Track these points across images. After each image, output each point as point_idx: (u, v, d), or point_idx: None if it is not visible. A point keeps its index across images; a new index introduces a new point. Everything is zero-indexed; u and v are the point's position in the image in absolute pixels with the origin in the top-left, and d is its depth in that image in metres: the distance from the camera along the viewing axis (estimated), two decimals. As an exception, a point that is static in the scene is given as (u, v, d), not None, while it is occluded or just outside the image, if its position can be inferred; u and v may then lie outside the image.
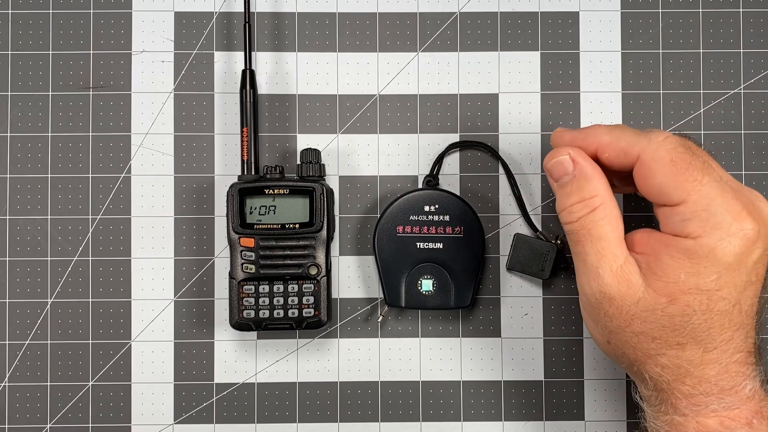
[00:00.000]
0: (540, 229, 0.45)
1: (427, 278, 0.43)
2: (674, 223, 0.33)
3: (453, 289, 0.42)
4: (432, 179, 0.45)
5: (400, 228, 0.43)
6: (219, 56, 0.46)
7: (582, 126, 0.46)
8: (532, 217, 0.45)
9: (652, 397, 0.35)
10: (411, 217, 0.43)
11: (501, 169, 0.45)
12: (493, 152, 0.45)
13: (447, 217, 0.43)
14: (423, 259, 0.43)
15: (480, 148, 0.45)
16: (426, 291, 0.43)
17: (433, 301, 0.43)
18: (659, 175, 0.33)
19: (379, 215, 0.44)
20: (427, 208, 0.43)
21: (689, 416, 0.33)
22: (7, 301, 0.45)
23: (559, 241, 0.44)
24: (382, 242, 0.43)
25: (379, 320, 0.44)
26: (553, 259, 0.43)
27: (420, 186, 0.45)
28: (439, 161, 0.45)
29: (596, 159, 0.36)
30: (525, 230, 0.45)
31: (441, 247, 0.43)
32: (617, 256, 0.34)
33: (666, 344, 0.33)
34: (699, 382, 0.33)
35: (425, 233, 0.43)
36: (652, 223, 0.43)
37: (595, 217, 0.34)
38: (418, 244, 0.43)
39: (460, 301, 0.43)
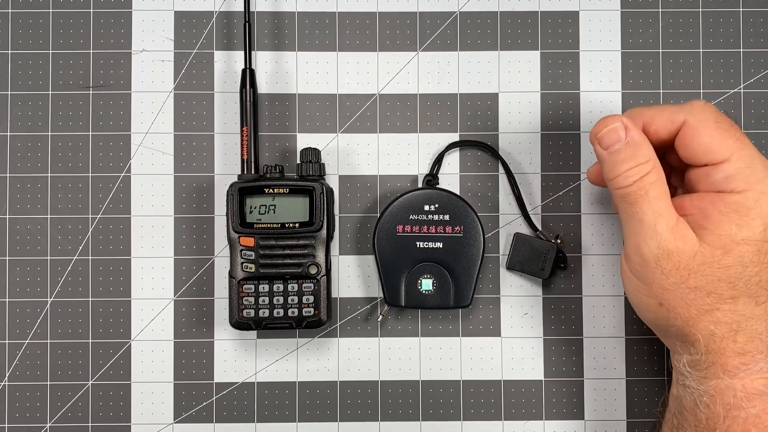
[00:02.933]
0: (540, 228, 0.45)
1: (426, 278, 0.43)
2: (718, 181, 0.35)
3: (453, 289, 0.42)
4: (432, 178, 0.45)
5: (400, 227, 0.43)
6: (219, 55, 0.46)
7: (579, 127, 0.46)
8: (531, 216, 0.45)
9: (700, 362, 0.36)
10: (411, 217, 0.43)
11: (500, 169, 0.45)
12: (493, 152, 0.45)
13: (447, 217, 0.42)
14: (423, 258, 0.43)
15: (480, 147, 0.45)
16: (426, 290, 0.43)
17: (433, 301, 0.43)
18: (706, 135, 0.35)
19: (378, 214, 0.44)
20: (427, 208, 0.43)
21: (737, 377, 0.34)
22: (7, 300, 0.45)
23: (558, 241, 0.44)
24: (381, 242, 0.43)
25: (379, 320, 0.44)
26: (553, 259, 0.43)
27: (420, 185, 0.45)
28: (438, 161, 0.45)
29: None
30: (524, 230, 0.45)
31: (441, 246, 0.43)
32: (672, 213, 0.35)
33: (720, 298, 0.34)
34: (750, 338, 0.34)
35: (425, 232, 0.43)
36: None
37: (650, 179, 0.36)
38: (417, 243, 0.43)
39: (460, 301, 0.43)
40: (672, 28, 0.46)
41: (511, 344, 0.45)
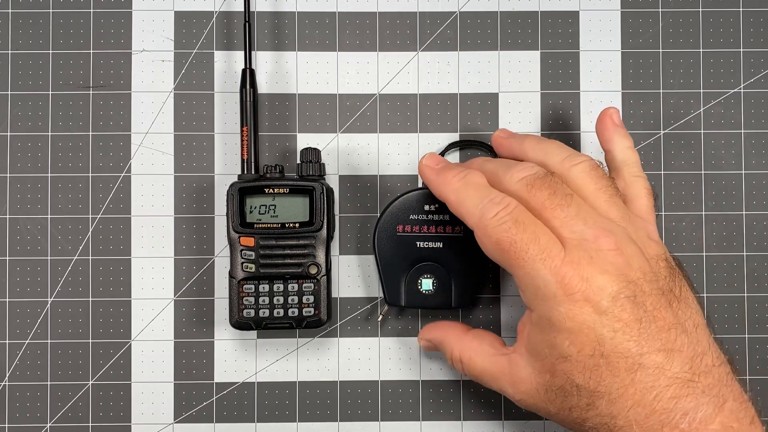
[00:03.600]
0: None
1: (427, 277, 0.43)
2: (520, 294, 0.35)
3: (453, 289, 0.42)
4: None
5: (400, 227, 0.43)
6: (219, 55, 0.46)
7: (579, 127, 0.46)
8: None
9: None
10: (411, 217, 0.43)
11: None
12: (492, 152, 0.45)
13: (447, 217, 0.42)
14: (423, 258, 0.43)
15: (479, 147, 0.45)
16: (426, 290, 0.42)
17: (434, 301, 0.42)
18: (490, 252, 0.35)
19: (378, 214, 0.44)
20: (427, 208, 0.43)
21: None
22: (7, 300, 0.45)
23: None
24: (381, 242, 0.43)
25: (379, 319, 0.44)
26: None
27: (420, 185, 0.45)
28: None
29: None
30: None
31: (441, 246, 0.43)
32: (503, 373, 0.36)
33: (580, 409, 0.33)
34: (628, 431, 0.32)
35: (425, 232, 0.43)
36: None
37: (465, 363, 0.38)
38: (418, 243, 0.43)
39: (461, 301, 0.42)
40: (672, 28, 0.46)
41: (512, 344, 0.45)
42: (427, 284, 0.42)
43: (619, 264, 0.32)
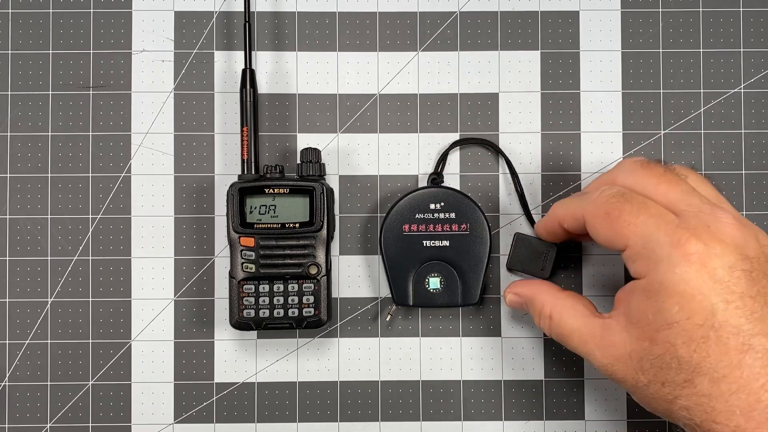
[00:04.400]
0: (540, 228, 0.45)
1: (434, 276, 0.43)
2: (630, 268, 0.34)
3: (460, 287, 0.42)
4: (437, 177, 0.45)
5: (406, 226, 0.43)
6: (219, 56, 0.46)
7: (579, 127, 0.46)
8: (532, 216, 0.45)
9: None
10: (417, 216, 0.43)
11: (500, 169, 0.45)
12: (497, 149, 0.45)
13: (453, 215, 0.42)
14: (430, 257, 0.43)
15: (483, 145, 0.45)
16: (433, 289, 0.42)
17: (441, 299, 0.42)
18: (601, 230, 0.35)
19: (384, 214, 0.43)
20: (432, 206, 0.43)
21: None
22: (7, 300, 0.45)
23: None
24: (388, 241, 0.43)
25: (387, 319, 0.44)
26: (553, 259, 0.43)
27: (423, 184, 0.45)
28: (443, 158, 0.45)
29: (567, 232, 0.40)
30: (525, 229, 0.45)
31: (447, 244, 0.42)
32: (593, 335, 0.35)
33: (675, 385, 0.32)
34: (729, 417, 0.30)
35: (431, 231, 0.43)
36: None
37: (554, 320, 0.38)
38: (424, 242, 0.43)
39: (468, 298, 0.42)
40: (672, 28, 0.46)
41: (512, 344, 0.45)
42: (434, 283, 0.42)
43: (737, 238, 0.32)
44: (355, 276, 0.45)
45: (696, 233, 0.32)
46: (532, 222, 0.45)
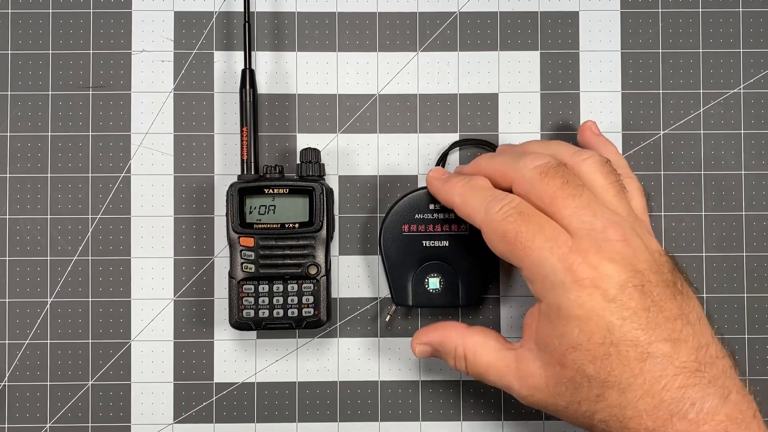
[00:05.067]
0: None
1: (434, 276, 0.43)
2: (529, 287, 0.35)
3: (460, 287, 0.42)
4: None
5: (406, 227, 0.43)
6: (219, 56, 0.46)
7: (581, 123, 0.46)
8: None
9: None
10: (416, 216, 0.43)
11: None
12: (494, 150, 0.45)
13: (453, 215, 0.42)
14: (429, 257, 0.42)
15: (483, 146, 0.45)
16: (433, 289, 0.42)
17: (441, 299, 0.42)
18: (498, 248, 0.35)
19: (384, 214, 0.43)
20: (432, 206, 0.43)
21: None
22: (7, 300, 0.45)
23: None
24: (387, 241, 0.43)
25: (386, 320, 0.44)
26: None
27: (423, 184, 0.45)
28: (443, 158, 0.45)
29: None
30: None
31: (447, 245, 0.42)
32: (509, 368, 0.36)
33: (590, 402, 0.33)
34: (638, 422, 0.32)
35: (431, 231, 0.43)
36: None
37: (469, 360, 0.38)
38: (424, 242, 0.43)
39: (468, 299, 0.42)
40: (672, 29, 0.46)
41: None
42: (434, 283, 0.42)
43: (627, 254, 0.33)
44: (355, 276, 0.45)
45: (587, 257, 0.33)
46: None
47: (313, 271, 0.42)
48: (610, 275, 0.32)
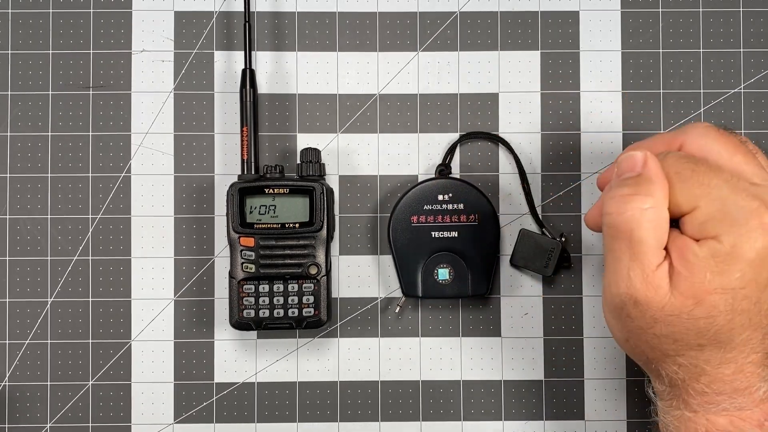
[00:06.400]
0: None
1: (443, 267, 0.43)
2: (695, 229, 0.33)
3: (470, 277, 0.42)
4: (444, 168, 0.44)
5: (415, 218, 0.43)
6: (219, 56, 0.46)
7: (579, 127, 0.46)
8: (538, 215, 0.45)
9: (665, 392, 0.35)
10: (425, 207, 0.43)
11: (501, 168, 0.45)
12: (509, 147, 0.45)
13: (461, 206, 0.42)
14: (438, 248, 0.43)
15: (489, 141, 0.45)
16: (442, 280, 0.42)
17: (450, 290, 0.42)
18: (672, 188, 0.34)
19: (392, 206, 0.43)
20: (440, 197, 0.43)
21: (700, 413, 0.33)
22: (7, 300, 0.45)
23: (563, 239, 0.44)
24: (396, 233, 0.43)
25: (396, 311, 0.44)
26: (557, 257, 0.43)
27: (421, 179, 0.45)
28: (452, 150, 0.45)
29: None
30: (528, 227, 0.45)
31: (456, 235, 0.43)
32: (651, 263, 0.33)
33: (686, 346, 0.33)
34: (713, 380, 0.33)
35: (440, 222, 0.43)
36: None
37: (642, 217, 0.33)
38: (432, 233, 0.43)
39: (477, 289, 0.42)
40: (672, 28, 0.46)
41: (512, 344, 0.45)
42: (443, 274, 0.42)
43: None
44: (355, 276, 0.45)
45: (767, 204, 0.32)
46: (537, 220, 0.45)
47: (313, 271, 0.42)
48: None
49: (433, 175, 0.45)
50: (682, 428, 0.34)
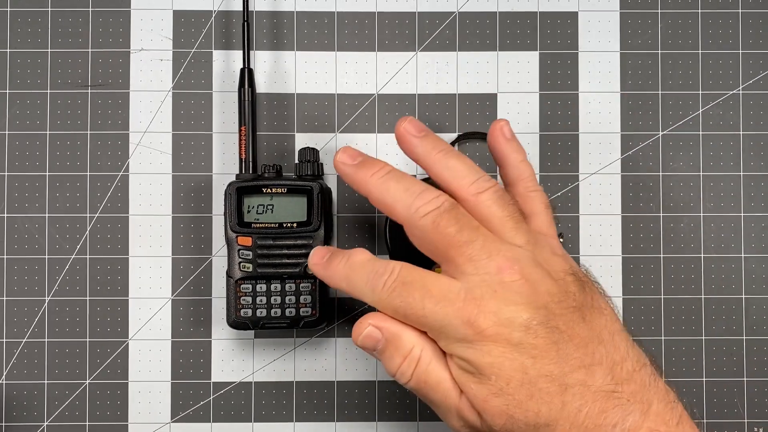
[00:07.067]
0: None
1: (439, 268, 0.43)
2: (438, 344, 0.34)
3: None
4: None
5: None
6: (217, 55, 0.46)
7: (578, 128, 0.46)
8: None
9: None
10: None
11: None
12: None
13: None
14: None
15: (484, 140, 0.45)
16: None
17: None
18: (401, 320, 0.34)
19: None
20: None
21: None
22: (5, 299, 0.45)
23: (561, 239, 0.44)
24: (393, 233, 0.43)
25: None
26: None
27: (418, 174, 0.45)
28: None
29: None
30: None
31: None
32: (456, 395, 0.33)
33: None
34: None
35: None
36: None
37: (422, 365, 0.34)
38: None
39: None
40: (671, 29, 0.46)
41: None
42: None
43: (526, 292, 0.32)
44: (353, 276, 0.45)
45: (483, 305, 0.31)
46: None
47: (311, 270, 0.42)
48: (511, 319, 0.31)
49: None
50: None
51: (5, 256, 0.45)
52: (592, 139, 0.46)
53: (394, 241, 0.43)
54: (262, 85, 0.46)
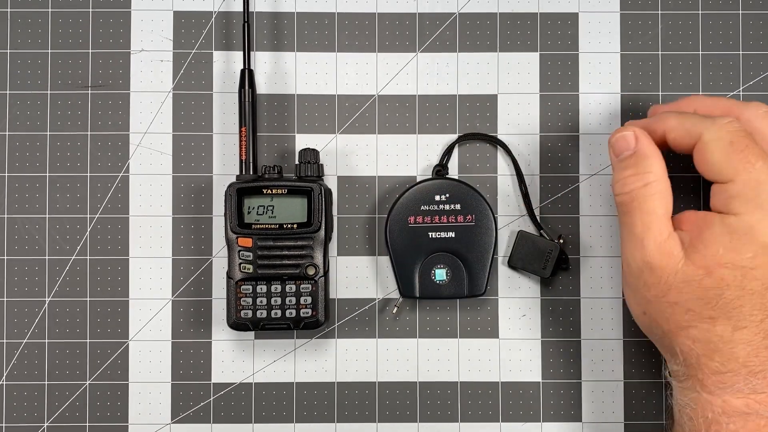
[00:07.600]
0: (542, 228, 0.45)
1: (440, 267, 0.43)
2: (721, 200, 0.35)
3: (466, 277, 0.42)
4: (441, 168, 0.45)
5: (412, 218, 0.43)
6: (218, 56, 0.46)
7: (578, 129, 0.46)
8: (536, 217, 0.45)
9: (680, 373, 0.36)
10: (422, 207, 0.43)
11: (499, 170, 0.45)
12: (506, 149, 0.45)
13: (458, 206, 0.43)
14: (435, 248, 0.43)
15: (486, 142, 0.45)
16: (440, 280, 0.43)
17: (447, 290, 0.43)
18: (716, 153, 0.35)
19: (389, 207, 0.43)
20: (438, 198, 0.43)
21: (716, 394, 0.34)
22: (5, 299, 0.45)
23: (561, 241, 0.44)
24: (393, 233, 0.43)
25: (394, 312, 0.44)
26: (555, 258, 0.43)
27: (419, 180, 0.45)
28: (449, 151, 0.45)
29: (665, 142, 0.38)
30: (526, 229, 0.45)
31: (453, 236, 0.43)
32: (662, 230, 0.36)
33: (698, 317, 0.34)
34: (728, 359, 0.34)
35: (437, 222, 0.43)
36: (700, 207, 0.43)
37: (647, 191, 0.36)
38: (430, 233, 0.43)
39: (474, 289, 0.43)
40: (671, 30, 0.46)
41: (509, 346, 0.45)
42: (440, 274, 0.43)
43: None
44: (353, 277, 0.45)
45: None
46: (535, 222, 0.45)
47: (311, 271, 0.42)
48: None
49: (430, 176, 0.45)
50: (698, 409, 0.35)
51: (6, 257, 0.45)
52: (592, 140, 0.46)
53: (394, 242, 0.43)
54: (262, 86, 0.46)
